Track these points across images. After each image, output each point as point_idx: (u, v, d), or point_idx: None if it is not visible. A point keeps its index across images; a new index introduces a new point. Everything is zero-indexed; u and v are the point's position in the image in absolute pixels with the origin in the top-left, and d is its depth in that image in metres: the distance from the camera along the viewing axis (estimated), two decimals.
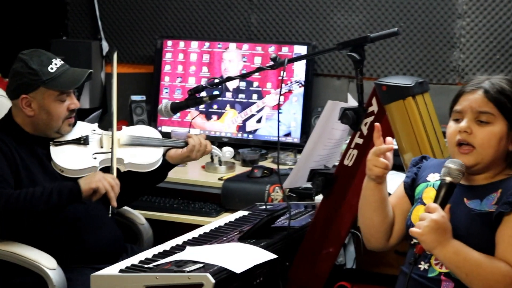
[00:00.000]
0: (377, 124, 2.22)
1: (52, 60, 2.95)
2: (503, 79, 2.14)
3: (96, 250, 2.91)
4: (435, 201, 2.06)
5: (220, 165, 3.49)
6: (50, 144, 2.97)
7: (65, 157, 2.95)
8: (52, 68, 2.92)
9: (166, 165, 3.11)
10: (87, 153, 3.00)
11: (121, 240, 3.06)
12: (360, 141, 2.51)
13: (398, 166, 2.50)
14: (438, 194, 2.06)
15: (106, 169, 2.94)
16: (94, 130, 3.09)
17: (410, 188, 2.27)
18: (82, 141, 3.02)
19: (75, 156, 2.97)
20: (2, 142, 2.86)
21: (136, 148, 3.06)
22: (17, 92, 2.93)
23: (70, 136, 3.02)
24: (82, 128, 3.08)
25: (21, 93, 2.92)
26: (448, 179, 2.05)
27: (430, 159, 2.31)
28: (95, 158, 2.98)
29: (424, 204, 2.15)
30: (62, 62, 2.98)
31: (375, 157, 2.17)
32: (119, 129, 3.14)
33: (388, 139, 2.18)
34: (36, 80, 2.90)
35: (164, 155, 3.09)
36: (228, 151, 3.33)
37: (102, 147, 3.03)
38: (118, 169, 2.97)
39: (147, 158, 3.04)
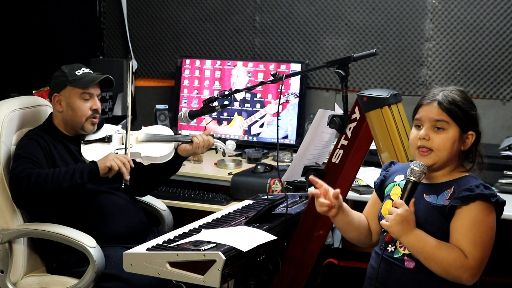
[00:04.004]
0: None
1: (82, 68, 2.99)
2: (455, 90, 2.12)
3: (127, 233, 2.91)
4: (401, 197, 2.06)
5: (224, 155, 3.35)
6: (81, 143, 2.99)
7: (92, 153, 2.95)
8: (79, 72, 2.97)
9: (178, 158, 3.10)
10: (110, 149, 2.99)
11: (146, 224, 3.05)
12: (345, 142, 2.50)
13: (377, 164, 2.50)
14: (404, 190, 2.06)
15: None
16: (118, 131, 3.09)
17: (379, 187, 2.26)
18: (107, 139, 3.02)
19: (101, 152, 2.96)
20: (42, 139, 2.89)
21: (151, 144, 3.05)
22: (51, 92, 2.98)
23: (97, 136, 3.03)
24: (107, 129, 3.09)
25: (53, 92, 2.96)
26: (412, 178, 2.05)
27: (397, 164, 2.31)
28: (117, 153, 2.96)
29: (392, 200, 2.15)
30: (90, 71, 3.00)
31: (317, 200, 2.15)
32: (138, 128, 3.14)
33: (336, 191, 2.15)
34: (64, 80, 2.94)
35: (176, 149, 3.08)
36: (230, 144, 3.20)
37: (123, 143, 3.02)
38: (141, 163, 2.97)
39: (160, 152, 3.03)
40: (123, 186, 2.85)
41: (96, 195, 2.89)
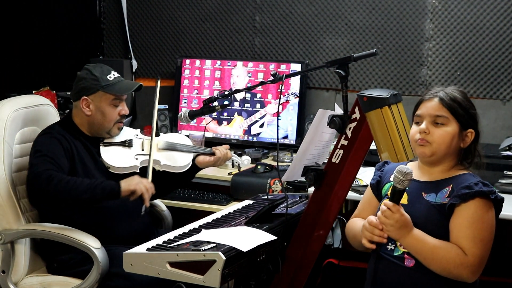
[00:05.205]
0: None
1: (111, 72, 2.94)
2: (455, 89, 2.16)
3: (131, 234, 2.89)
4: (391, 199, 2.07)
5: (239, 170, 3.44)
6: (100, 144, 2.95)
7: (112, 156, 2.92)
8: (110, 77, 2.91)
9: (194, 168, 3.08)
10: (130, 154, 2.96)
11: (151, 226, 3.04)
12: (345, 142, 2.50)
13: (377, 164, 2.50)
14: (393, 196, 2.07)
15: (144, 168, 2.90)
16: (137, 135, 3.05)
17: (376, 188, 2.29)
18: (127, 143, 2.98)
19: (121, 155, 2.94)
20: (63, 137, 2.84)
21: (171, 153, 3.01)
22: (79, 94, 2.91)
23: (117, 139, 2.98)
24: (127, 133, 3.04)
25: (82, 95, 2.90)
26: (399, 187, 2.05)
27: (390, 163, 2.33)
28: (136, 159, 2.94)
29: None
30: (119, 75, 2.97)
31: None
32: (156, 135, 3.10)
33: None
34: (96, 85, 2.89)
35: (193, 159, 3.06)
36: (246, 159, 3.35)
37: (143, 149, 2.98)
38: (153, 168, 2.92)
39: (179, 162, 3.00)
40: (142, 213, 2.79)
41: None
